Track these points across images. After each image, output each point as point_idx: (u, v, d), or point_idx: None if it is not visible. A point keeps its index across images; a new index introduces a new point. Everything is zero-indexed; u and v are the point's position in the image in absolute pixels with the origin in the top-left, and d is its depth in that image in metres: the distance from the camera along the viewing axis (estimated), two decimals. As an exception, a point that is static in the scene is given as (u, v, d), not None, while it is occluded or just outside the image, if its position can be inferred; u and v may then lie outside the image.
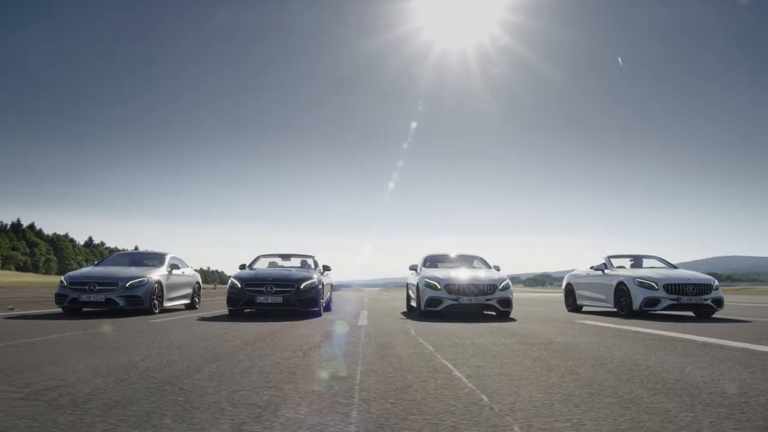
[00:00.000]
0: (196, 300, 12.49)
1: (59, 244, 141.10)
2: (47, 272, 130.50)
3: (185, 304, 11.84)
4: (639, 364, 3.89)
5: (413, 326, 7.39)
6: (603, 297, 10.73)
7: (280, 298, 9.46)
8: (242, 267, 11.40)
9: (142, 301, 9.59)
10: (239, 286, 9.63)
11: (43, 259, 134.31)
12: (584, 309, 12.12)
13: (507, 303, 9.69)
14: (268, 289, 9.50)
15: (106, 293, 9.37)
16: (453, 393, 2.86)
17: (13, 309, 10.99)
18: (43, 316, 8.98)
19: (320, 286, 10.11)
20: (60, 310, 9.73)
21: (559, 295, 21.08)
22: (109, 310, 9.77)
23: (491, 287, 9.62)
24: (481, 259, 11.76)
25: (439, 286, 9.69)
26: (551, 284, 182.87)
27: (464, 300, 9.53)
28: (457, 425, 2.22)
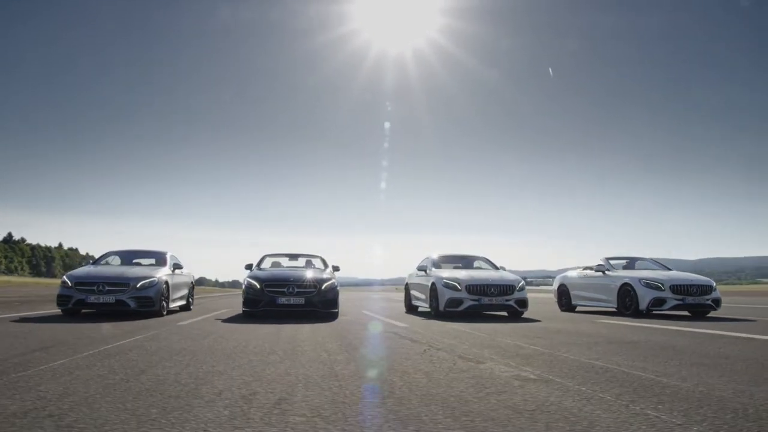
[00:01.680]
0: (191, 300, 11.90)
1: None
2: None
3: (181, 306, 11.24)
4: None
5: (460, 326, 7.41)
6: (605, 297, 11.25)
7: (302, 299, 9.21)
8: (248, 267, 11.00)
9: (153, 303, 9.02)
10: (258, 287, 9.28)
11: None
12: (578, 309, 12.66)
13: (524, 303, 9.97)
14: (290, 290, 9.22)
15: (117, 294, 8.72)
16: (681, 396, 2.93)
17: None
18: (46, 318, 8.21)
19: (338, 287, 9.94)
20: (60, 312, 9.00)
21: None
22: (103, 312, 9.14)
23: (510, 288, 9.85)
24: (486, 259, 12.00)
25: (459, 287, 9.80)
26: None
27: (485, 300, 9.70)
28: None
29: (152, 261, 10.98)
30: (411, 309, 12.30)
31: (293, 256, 11.56)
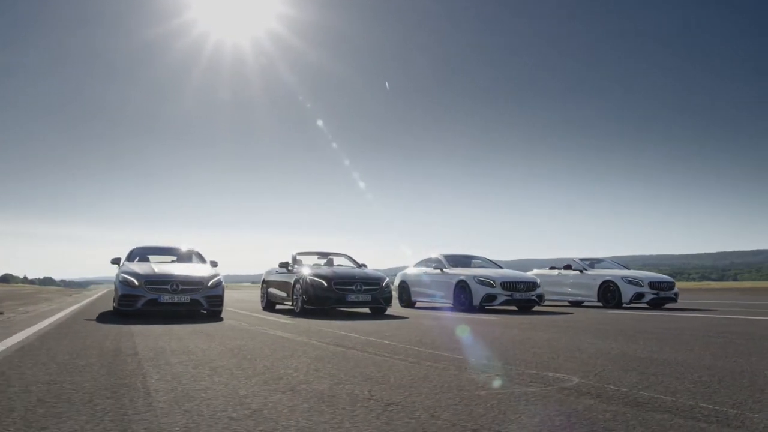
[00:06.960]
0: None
1: None
2: None
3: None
4: None
5: (519, 320, 8.47)
6: (585, 293, 13.11)
7: (369, 296, 9.52)
8: (283, 264, 10.80)
9: (222, 302, 8.60)
10: (326, 285, 9.35)
11: None
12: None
13: (542, 298, 11.37)
14: (358, 287, 9.47)
15: (191, 294, 8.14)
16: None
17: (1, 313, 8.55)
18: (103, 319, 7.38)
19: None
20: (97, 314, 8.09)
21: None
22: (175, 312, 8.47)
23: (534, 284, 11.20)
24: (486, 258, 13.19)
25: (494, 284, 10.85)
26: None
27: (516, 296, 10.89)
28: None
29: (173, 258, 10.24)
30: (409, 304, 13.03)
31: (322, 255, 11.55)
